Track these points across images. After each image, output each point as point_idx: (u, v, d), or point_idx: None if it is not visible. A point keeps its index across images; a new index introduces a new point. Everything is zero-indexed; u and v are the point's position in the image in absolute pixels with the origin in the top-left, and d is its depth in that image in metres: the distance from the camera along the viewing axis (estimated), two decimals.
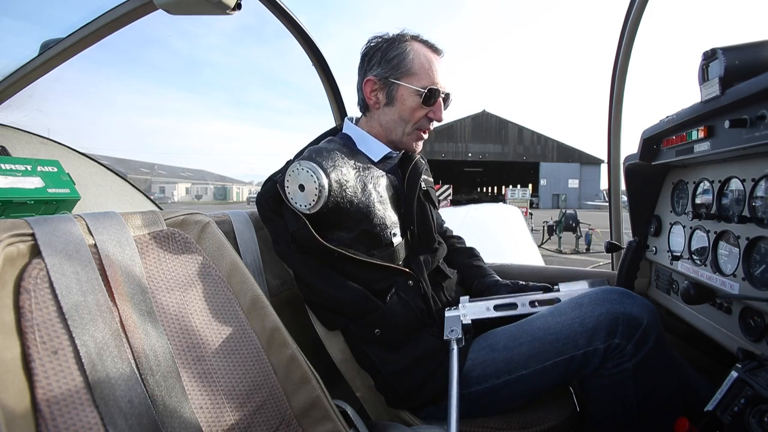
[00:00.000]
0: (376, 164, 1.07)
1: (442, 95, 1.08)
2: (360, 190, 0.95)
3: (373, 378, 1.01)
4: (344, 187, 0.91)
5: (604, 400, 0.89)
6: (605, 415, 0.90)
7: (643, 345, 0.84)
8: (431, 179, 1.24)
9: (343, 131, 1.14)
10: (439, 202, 1.28)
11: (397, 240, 1.01)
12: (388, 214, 0.99)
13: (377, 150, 1.09)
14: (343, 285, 0.95)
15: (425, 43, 1.09)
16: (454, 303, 1.09)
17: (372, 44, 1.09)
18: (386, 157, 1.11)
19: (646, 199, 1.28)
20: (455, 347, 0.90)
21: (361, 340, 0.97)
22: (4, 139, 1.68)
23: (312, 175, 0.86)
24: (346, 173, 0.93)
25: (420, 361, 0.96)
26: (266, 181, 1.02)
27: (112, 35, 1.34)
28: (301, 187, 0.87)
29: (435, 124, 1.13)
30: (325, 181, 0.86)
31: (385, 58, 1.05)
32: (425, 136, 1.12)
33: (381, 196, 1.00)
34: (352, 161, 0.98)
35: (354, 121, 1.15)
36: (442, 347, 0.97)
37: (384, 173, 1.05)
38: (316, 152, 0.93)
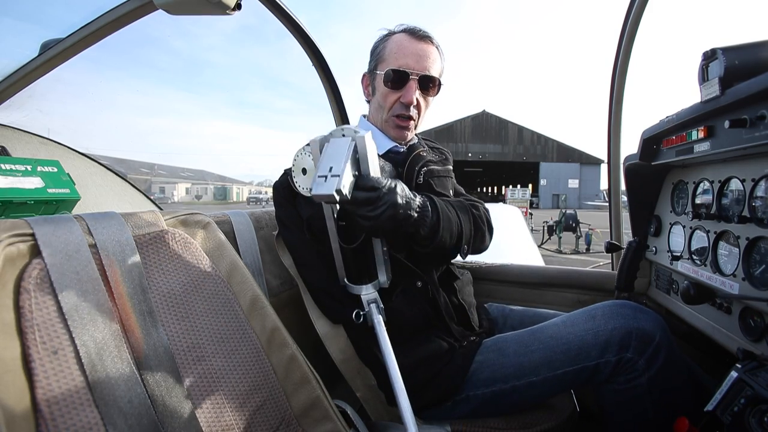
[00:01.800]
0: (380, 156, 1.07)
1: (414, 77, 1.02)
2: None
3: (375, 375, 1.01)
4: None
5: (624, 416, 0.91)
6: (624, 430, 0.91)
7: (655, 361, 0.86)
8: (439, 168, 1.15)
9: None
10: (460, 194, 1.23)
11: None
12: None
13: (381, 143, 1.09)
14: None
15: (409, 31, 1.06)
16: (466, 305, 1.08)
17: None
18: (391, 151, 1.10)
19: (646, 199, 1.28)
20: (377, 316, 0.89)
21: (367, 335, 0.97)
22: (4, 139, 1.68)
23: (313, 159, 0.88)
24: None
25: (424, 362, 0.95)
26: (283, 173, 1.05)
27: (112, 35, 1.34)
28: (304, 171, 0.89)
29: (425, 115, 1.11)
30: None
31: (372, 53, 1.10)
32: (404, 124, 1.07)
33: None
34: None
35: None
36: (449, 350, 0.97)
37: (389, 164, 1.05)
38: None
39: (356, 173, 0.78)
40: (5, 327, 0.50)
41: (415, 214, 0.85)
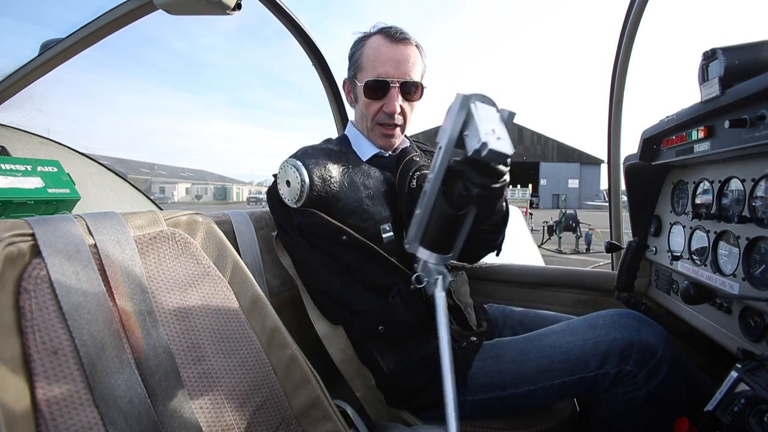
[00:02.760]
0: (367, 162, 1.07)
1: (394, 84, 0.99)
2: (347, 185, 0.96)
3: (374, 375, 1.01)
4: (327, 183, 0.94)
5: (615, 425, 0.90)
6: None
7: (656, 375, 0.84)
8: None
9: (345, 132, 1.16)
10: None
11: (388, 235, 1.00)
12: (377, 209, 0.99)
13: (367, 150, 1.09)
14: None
15: (384, 33, 1.02)
16: (462, 305, 1.07)
17: None
18: (377, 156, 1.10)
19: (646, 199, 1.28)
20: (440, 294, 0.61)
21: (365, 336, 0.98)
22: (4, 139, 1.67)
23: (295, 172, 0.91)
24: (330, 169, 0.95)
25: (422, 364, 0.95)
26: (275, 180, 1.05)
27: (112, 35, 1.34)
28: (288, 183, 0.93)
29: (412, 118, 1.09)
30: (306, 177, 0.91)
31: (350, 59, 1.08)
32: (389, 132, 1.06)
33: (370, 192, 0.99)
34: (342, 159, 1.00)
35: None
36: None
37: (378, 170, 1.04)
38: (302, 151, 0.97)
39: None
40: (5, 327, 0.50)
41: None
